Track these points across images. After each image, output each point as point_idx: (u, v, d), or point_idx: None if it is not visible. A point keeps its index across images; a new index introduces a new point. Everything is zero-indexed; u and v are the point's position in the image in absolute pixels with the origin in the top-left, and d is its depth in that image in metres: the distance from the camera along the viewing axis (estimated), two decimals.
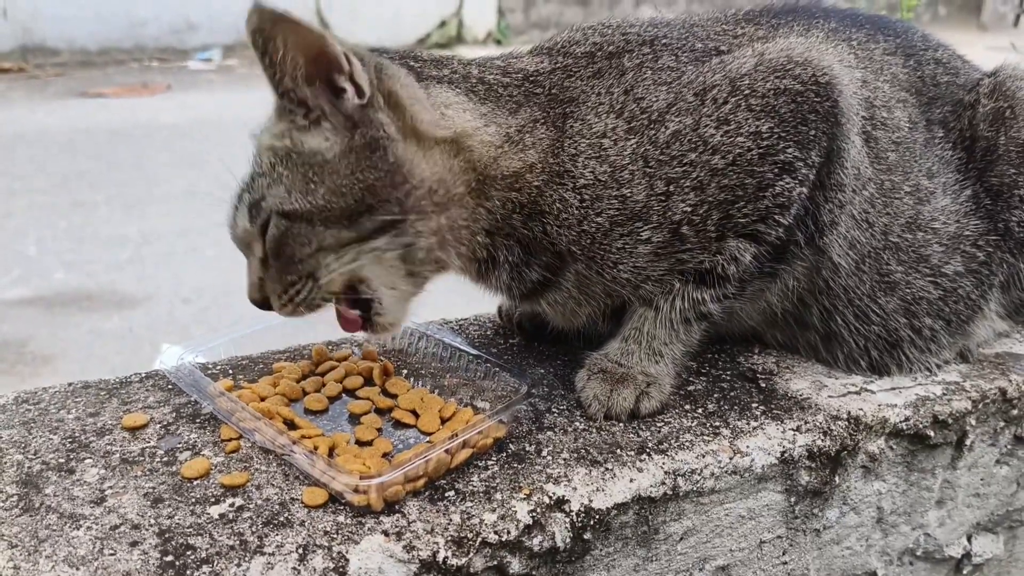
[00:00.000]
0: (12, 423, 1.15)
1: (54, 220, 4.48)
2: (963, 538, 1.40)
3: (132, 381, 1.27)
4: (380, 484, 0.98)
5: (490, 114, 1.16)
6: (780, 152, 1.16)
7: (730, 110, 1.16)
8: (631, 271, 1.19)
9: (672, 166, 1.16)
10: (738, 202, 1.17)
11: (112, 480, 1.04)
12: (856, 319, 1.32)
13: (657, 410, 1.21)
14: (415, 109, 1.09)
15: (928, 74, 1.44)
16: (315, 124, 1.07)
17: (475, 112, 1.15)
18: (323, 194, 1.06)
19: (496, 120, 1.16)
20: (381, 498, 0.99)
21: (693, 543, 1.14)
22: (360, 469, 1.02)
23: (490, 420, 1.10)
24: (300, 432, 1.12)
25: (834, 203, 1.23)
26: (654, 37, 1.25)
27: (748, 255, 1.19)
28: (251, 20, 0.98)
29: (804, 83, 1.17)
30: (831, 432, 1.20)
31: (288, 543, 0.94)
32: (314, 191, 1.06)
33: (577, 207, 1.16)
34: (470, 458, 1.09)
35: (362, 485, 0.98)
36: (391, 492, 1.00)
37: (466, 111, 1.15)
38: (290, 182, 1.07)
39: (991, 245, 1.40)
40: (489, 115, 1.16)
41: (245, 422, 1.12)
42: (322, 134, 1.07)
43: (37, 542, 0.93)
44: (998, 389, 1.34)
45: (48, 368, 3.18)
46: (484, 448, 1.10)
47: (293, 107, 1.07)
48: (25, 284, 3.83)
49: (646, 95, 1.18)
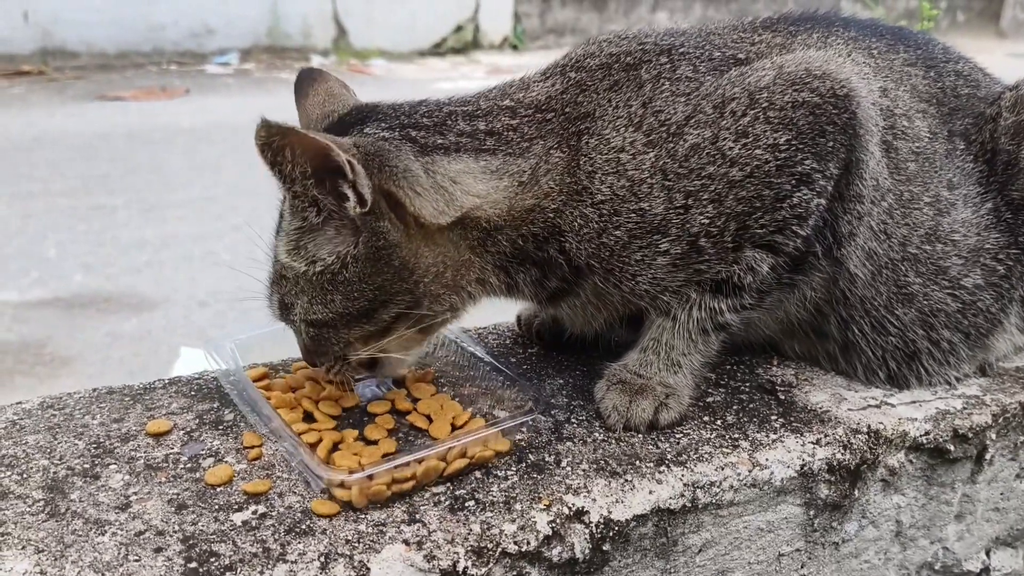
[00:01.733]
0: (38, 428, 1.17)
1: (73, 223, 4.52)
2: (982, 552, 1.40)
3: (156, 387, 1.28)
4: (362, 480, 1.01)
5: (501, 167, 1.16)
6: (798, 164, 1.16)
7: (748, 123, 1.16)
8: (649, 282, 1.19)
9: (691, 179, 1.16)
10: (755, 213, 1.17)
11: (136, 486, 1.05)
12: (873, 329, 1.32)
13: (676, 421, 1.21)
14: (417, 204, 1.10)
15: (949, 85, 1.43)
16: (327, 222, 1.09)
17: (485, 172, 1.15)
18: (340, 301, 1.11)
19: (508, 170, 1.16)
20: (364, 496, 1.01)
21: (712, 555, 1.14)
22: (351, 465, 1.04)
23: (489, 431, 1.11)
24: (311, 425, 1.16)
25: (852, 214, 1.23)
26: (671, 46, 1.25)
27: (765, 265, 1.20)
28: (259, 135, 1.00)
29: (822, 96, 1.17)
30: (851, 445, 1.20)
31: (310, 551, 0.95)
32: (331, 300, 1.12)
33: (596, 222, 1.17)
34: (467, 468, 1.09)
35: (348, 480, 1.01)
36: (374, 491, 1.02)
37: (476, 178, 1.14)
38: (311, 295, 1.12)
39: (1011, 259, 1.39)
40: (500, 169, 1.16)
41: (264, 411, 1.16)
42: (332, 237, 1.10)
43: (63, 547, 0.94)
44: (1019, 403, 1.33)
45: (66, 369, 3.21)
46: (485, 460, 1.11)
47: (305, 206, 1.09)
48: (44, 286, 3.86)
49: (664, 107, 1.18)
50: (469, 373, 1.30)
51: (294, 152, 1.03)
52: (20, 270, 3.98)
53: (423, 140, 1.14)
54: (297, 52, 8.93)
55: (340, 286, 1.11)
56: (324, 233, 1.10)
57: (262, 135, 1.00)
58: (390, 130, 1.14)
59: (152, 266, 4.11)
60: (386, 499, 1.03)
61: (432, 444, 1.11)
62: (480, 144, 1.16)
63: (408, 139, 1.13)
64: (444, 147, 1.14)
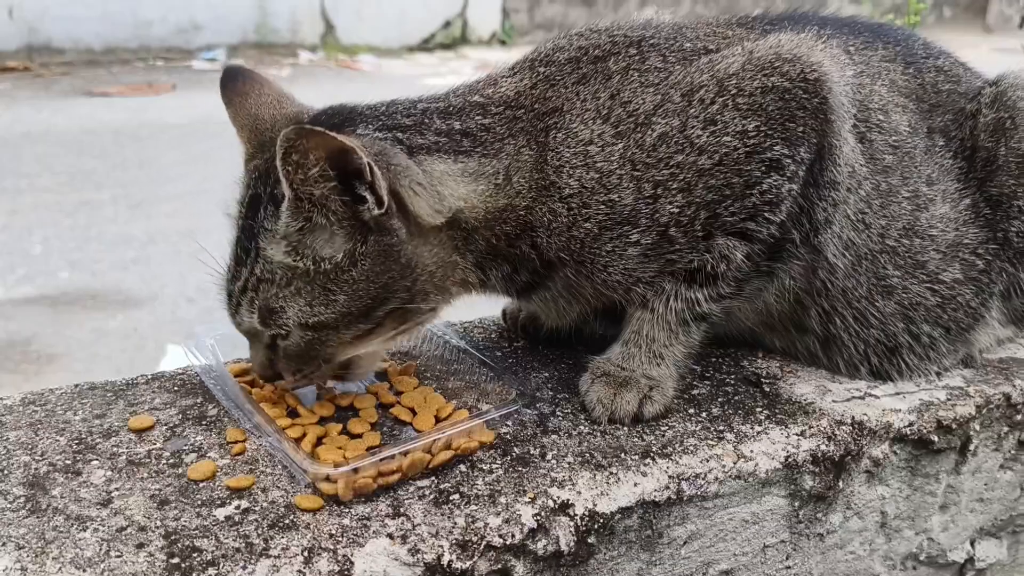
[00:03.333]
0: (19, 424, 1.16)
1: (59, 219, 4.49)
2: (966, 543, 1.40)
3: (138, 383, 1.28)
4: (348, 474, 1.00)
5: (477, 170, 1.15)
6: (767, 150, 1.16)
7: (717, 110, 1.16)
8: (621, 273, 1.19)
9: (659, 168, 1.16)
10: (725, 201, 1.17)
11: (118, 482, 1.05)
12: (855, 321, 1.32)
13: (661, 413, 1.21)
14: (416, 203, 1.09)
15: (929, 81, 1.44)
16: (330, 225, 1.06)
17: (464, 175, 1.14)
18: (344, 301, 1.09)
19: (484, 172, 1.15)
20: (350, 489, 1.01)
21: (697, 547, 1.14)
22: (336, 459, 1.04)
23: (473, 423, 1.11)
24: (294, 420, 1.15)
25: (827, 201, 1.23)
26: (641, 38, 1.25)
27: (739, 253, 1.19)
28: (288, 138, 0.98)
29: (792, 80, 1.17)
30: (835, 437, 1.20)
31: (293, 546, 0.95)
32: (335, 300, 1.09)
33: (566, 216, 1.17)
34: (452, 460, 1.09)
35: (334, 474, 1.00)
36: (360, 484, 1.02)
37: (458, 181, 1.14)
38: (310, 295, 1.09)
39: (990, 254, 1.39)
40: (476, 171, 1.15)
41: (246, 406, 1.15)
42: (336, 238, 1.07)
43: (44, 543, 0.94)
44: (1002, 394, 1.34)
45: (52, 367, 3.19)
46: (469, 451, 1.11)
47: (310, 206, 1.05)
48: (30, 283, 3.84)
49: (633, 98, 1.18)
50: (454, 367, 1.30)
51: (316, 154, 1.00)
52: (6, 267, 3.95)
53: (408, 141, 1.13)
54: (285, 48, 8.88)
55: (345, 285, 1.08)
56: (330, 232, 1.07)
57: (292, 137, 0.98)
58: (380, 131, 1.13)
59: (139, 262, 4.09)
60: (372, 492, 1.03)
61: (417, 436, 1.11)
62: (457, 145, 1.15)
63: (396, 140, 1.12)
64: (426, 147, 1.14)
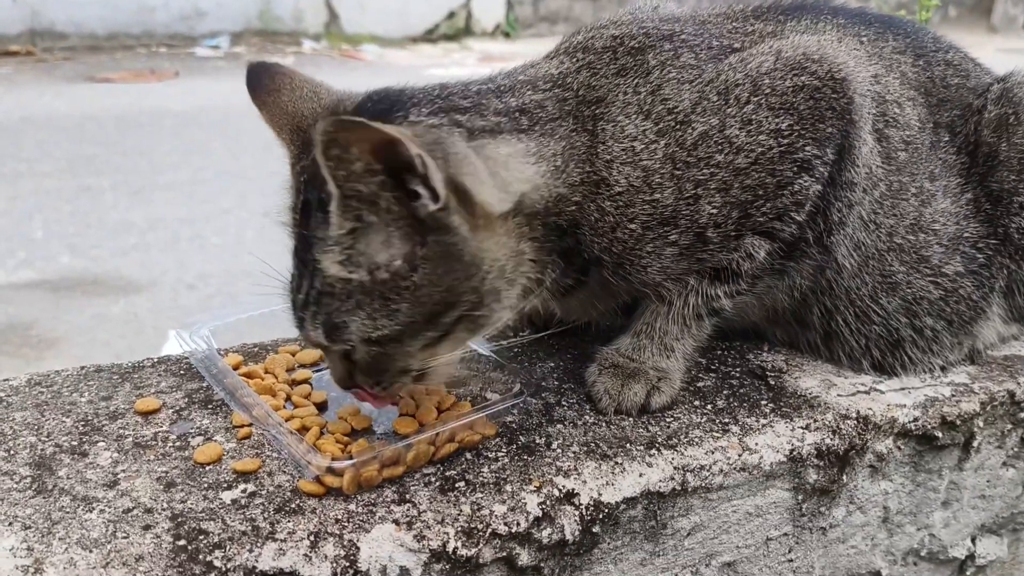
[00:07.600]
0: (25, 405, 1.16)
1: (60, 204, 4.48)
2: (967, 539, 1.41)
3: (145, 366, 1.28)
4: (355, 466, 1.00)
5: (539, 150, 1.10)
6: (799, 150, 1.16)
7: (752, 109, 1.16)
8: (657, 273, 1.18)
9: (700, 168, 1.15)
10: (757, 201, 1.17)
11: (125, 464, 1.05)
12: (857, 319, 1.32)
13: (667, 405, 1.21)
14: (480, 191, 1.00)
15: (938, 75, 1.43)
16: (384, 225, 0.98)
17: (527, 155, 1.09)
18: (406, 310, 1.00)
19: (544, 153, 1.10)
20: (355, 481, 1.01)
21: (700, 539, 1.14)
22: (335, 452, 1.04)
23: (477, 415, 1.11)
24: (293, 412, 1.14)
25: (843, 202, 1.23)
26: (672, 33, 1.24)
27: (763, 252, 1.20)
28: (327, 131, 0.90)
29: (821, 79, 1.17)
30: (840, 431, 1.21)
31: (300, 530, 0.95)
32: (396, 310, 1.00)
33: (613, 215, 1.15)
34: (456, 451, 1.09)
35: (338, 467, 1.00)
36: (366, 477, 1.01)
37: (522, 161, 1.08)
38: (371, 308, 1.00)
39: (991, 248, 1.40)
40: (538, 152, 1.10)
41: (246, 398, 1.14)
42: (392, 239, 0.98)
43: (50, 524, 0.94)
44: (1006, 391, 1.34)
45: (52, 351, 3.19)
46: (472, 443, 1.11)
47: (359, 204, 0.97)
48: (31, 267, 3.83)
49: (672, 95, 1.17)
50: None
51: (359, 147, 0.92)
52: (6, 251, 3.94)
53: (468, 124, 1.06)
54: (288, 36, 8.86)
55: (406, 292, 0.99)
56: (384, 235, 0.98)
57: (330, 130, 0.89)
58: (435, 115, 1.05)
59: (140, 248, 4.08)
60: (377, 485, 1.03)
61: (420, 429, 1.10)
62: (517, 124, 1.10)
63: (455, 124, 1.05)
64: (489, 130, 1.07)
